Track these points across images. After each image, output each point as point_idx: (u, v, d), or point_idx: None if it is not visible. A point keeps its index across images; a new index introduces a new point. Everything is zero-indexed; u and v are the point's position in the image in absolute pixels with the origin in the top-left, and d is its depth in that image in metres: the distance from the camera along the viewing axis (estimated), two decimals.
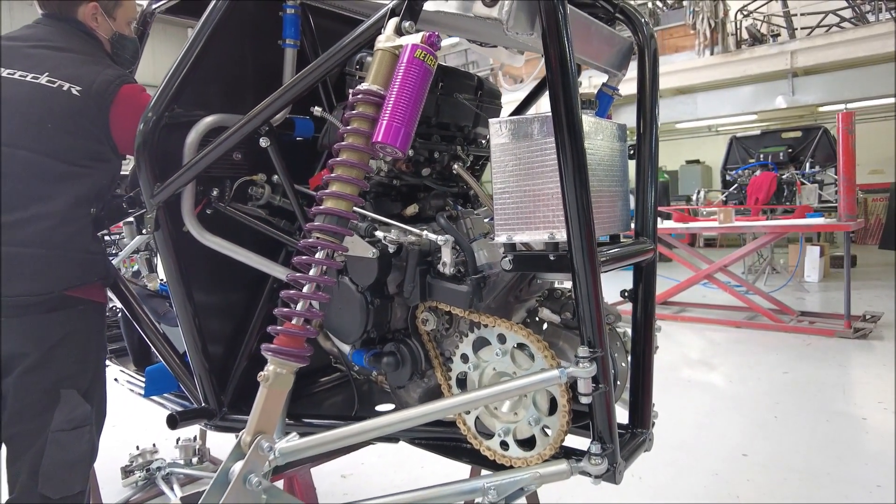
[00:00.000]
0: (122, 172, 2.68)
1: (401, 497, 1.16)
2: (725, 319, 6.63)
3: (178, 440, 3.50)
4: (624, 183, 1.38)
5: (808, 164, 8.57)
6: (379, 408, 1.73)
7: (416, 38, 1.06)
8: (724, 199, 9.19)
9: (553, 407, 1.25)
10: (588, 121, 1.24)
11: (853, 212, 5.84)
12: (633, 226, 1.49)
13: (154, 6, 2.03)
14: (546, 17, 1.05)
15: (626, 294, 1.44)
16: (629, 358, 1.44)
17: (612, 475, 1.18)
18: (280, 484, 1.95)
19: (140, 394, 2.08)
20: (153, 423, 4.14)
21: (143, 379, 2.02)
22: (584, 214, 1.08)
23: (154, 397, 2.00)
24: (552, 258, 1.18)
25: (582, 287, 1.11)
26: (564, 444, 1.26)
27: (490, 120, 1.23)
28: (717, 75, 10.54)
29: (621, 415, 1.38)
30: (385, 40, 1.10)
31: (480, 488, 1.15)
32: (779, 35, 10.79)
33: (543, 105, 1.32)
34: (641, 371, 1.39)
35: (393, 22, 1.12)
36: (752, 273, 8.96)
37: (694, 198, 9.29)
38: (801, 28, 10.43)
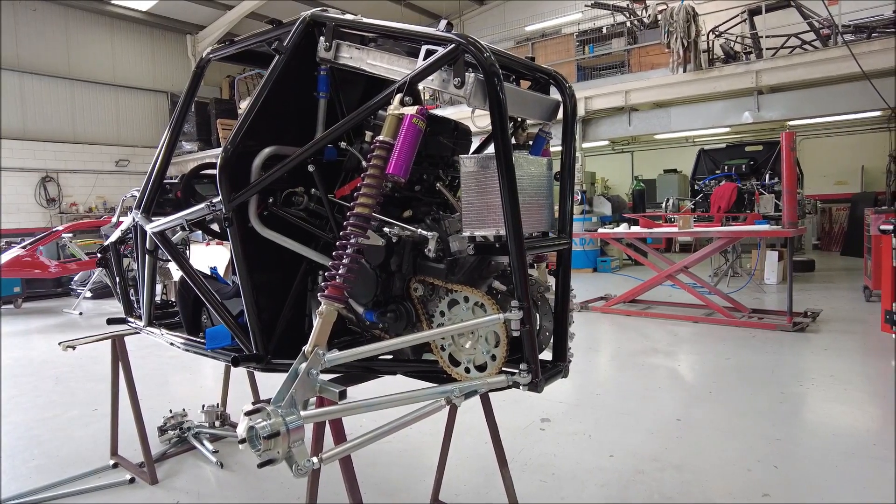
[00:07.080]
0: (172, 180, 3.33)
1: (395, 396, 1.80)
2: (686, 315, 7.32)
3: (203, 406, 4.15)
4: (549, 198, 2.05)
5: (767, 176, 9.33)
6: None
7: (412, 110, 1.72)
8: (693, 206, 9.93)
9: (498, 343, 1.91)
10: (522, 157, 1.92)
11: (795, 220, 6.58)
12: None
13: (211, 55, 2.68)
14: (491, 98, 1.71)
15: (551, 271, 2.12)
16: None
17: (534, 385, 1.84)
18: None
19: (197, 351, 2.71)
20: (181, 395, 4.80)
21: (201, 340, 2.65)
22: (515, 218, 1.74)
23: (209, 351, 2.64)
24: (497, 246, 1.84)
25: (514, 263, 1.77)
26: (506, 368, 1.92)
27: (461, 156, 1.89)
28: (689, 91, 11.20)
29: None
30: (393, 108, 1.76)
31: (449, 390, 1.81)
32: (752, 53, 11.54)
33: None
34: (560, 323, 2.07)
35: (398, 96, 1.78)
36: (718, 275, 9.70)
37: (664, 205, 10.01)
38: (767, 49, 11.20)
